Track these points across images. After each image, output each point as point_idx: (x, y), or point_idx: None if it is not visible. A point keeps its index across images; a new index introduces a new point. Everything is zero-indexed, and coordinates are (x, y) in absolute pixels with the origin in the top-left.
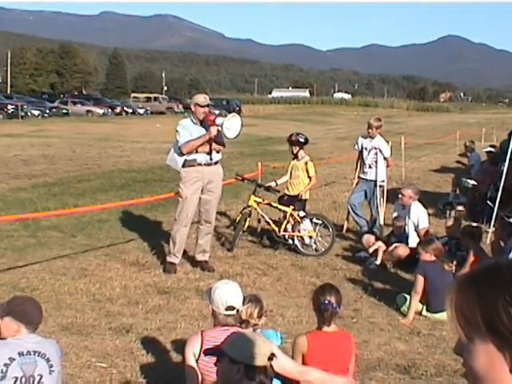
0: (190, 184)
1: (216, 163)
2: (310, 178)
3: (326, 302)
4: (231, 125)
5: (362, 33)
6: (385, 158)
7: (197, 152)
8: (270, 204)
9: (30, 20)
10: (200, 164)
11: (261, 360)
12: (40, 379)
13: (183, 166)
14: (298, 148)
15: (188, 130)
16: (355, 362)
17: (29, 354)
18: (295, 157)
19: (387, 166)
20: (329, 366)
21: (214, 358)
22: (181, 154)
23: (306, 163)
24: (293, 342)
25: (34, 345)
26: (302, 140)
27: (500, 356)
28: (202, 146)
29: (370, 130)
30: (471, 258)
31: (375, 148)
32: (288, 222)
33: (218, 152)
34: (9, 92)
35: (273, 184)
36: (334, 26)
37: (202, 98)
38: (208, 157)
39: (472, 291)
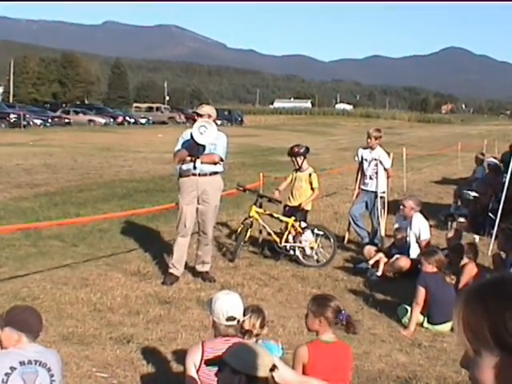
0: (186, 194)
1: (213, 174)
2: (313, 189)
3: (344, 313)
4: (204, 130)
5: (364, 44)
6: (385, 169)
7: (191, 162)
8: (271, 215)
9: (34, 29)
10: (194, 174)
11: (263, 371)
12: None
13: (179, 175)
14: (302, 158)
15: (186, 140)
16: (352, 372)
17: (30, 363)
18: (299, 168)
19: (388, 177)
20: (329, 376)
21: (215, 369)
22: (176, 164)
23: (310, 175)
24: (293, 352)
25: (36, 354)
26: (302, 150)
27: (508, 370)
28: (192, 155)
29: (368, 140)
30: (472, 271)
31: (375, 159)
32: (289, 233)
33: (215, 164)
34: (11, 101)
35: (276, 193)
36: (336, 36)
37: (199, 108)
38: (192, 165)
39: (479, 304)
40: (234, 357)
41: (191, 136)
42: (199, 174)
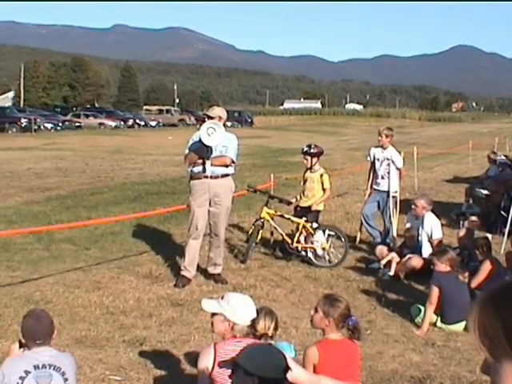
0: (197, 196)
1: (225, 176)
2: (324, 189)
3: (354, 318)
4: (212, 132)
5: (373, 43)
6: (397, 169)
7: (202, 164)
8: (282, 216)
9: (43, 34)
10: (206, 176)
11: (276, 372)
12: None
13: (191, 178)
14: (316, 159)
15: (197, 142)
16: (362, 370)
17: (44, 367)
18: (310, 168)
19: (400, 178)
20: (340, 372)
21: (229, 371)
22: (187, 166)
23: (321, 175)
24: (303, 353)
25: (50, 358)
26: (316, 151)
27: None
28: (202, 158)
29: (379, 138)
30: (487, 270)
31: (387, 159)
32: (301, 234)
33: (226, 166)
34: (22, 105)
35: (293, 200)
36: (345, 36)
37: (209, 110)
38: (202, 168)
39: (494, 311)
40: (248, 359)
41: (199, 138)
42: (211, 177)
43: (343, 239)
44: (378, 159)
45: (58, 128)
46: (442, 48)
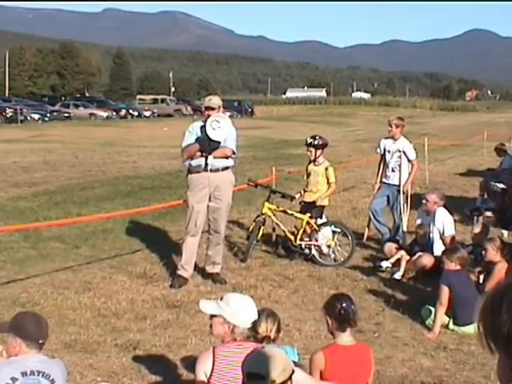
0: (196, 191)
1: (225, 169)
2: (329, 183)
3: (344, 305)
4: (217, 125)
5: (381, 28)
6: (409, 161)
7: (202, 157)
8: (285, 211)
9: (29, 18)
10: (206, 170)
11: (282, 376)
12: None
13: (189, 171)
14: (321, 151)
15: (194, 134)
16: (374, 376)
17: (32, 373)
18: (314, 161)
19: (413, 171)
20: (348, 380)
21: (226, 376)
22: (184, 160)
23: (326, 168)
24: (309, 358)
25: (38, 364)
26: (321, 143)
27: (505, 370)
28: (203, 151)
29: (389, 129)
30: (502, 272)
31: (399, 150)
32: (305, 231)
33: (227, 157)
34: (7, 95)
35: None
36: (351, 20)
37: (206, 99)
38: (204, 162)
39: (489, 307)
40: (253, 363)
41: (204, 132)
42: (211, 170)
43: (350, 236)
44: (389, 151)
45: (46, 119)
46: (454, 33)
